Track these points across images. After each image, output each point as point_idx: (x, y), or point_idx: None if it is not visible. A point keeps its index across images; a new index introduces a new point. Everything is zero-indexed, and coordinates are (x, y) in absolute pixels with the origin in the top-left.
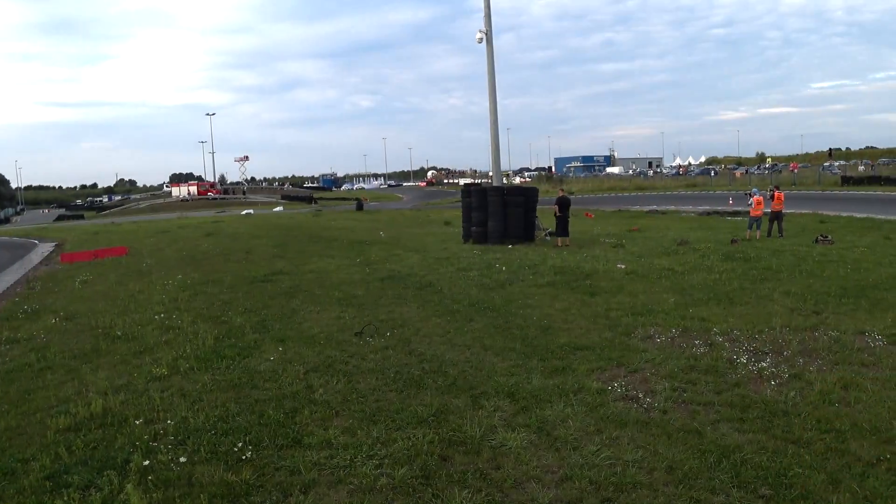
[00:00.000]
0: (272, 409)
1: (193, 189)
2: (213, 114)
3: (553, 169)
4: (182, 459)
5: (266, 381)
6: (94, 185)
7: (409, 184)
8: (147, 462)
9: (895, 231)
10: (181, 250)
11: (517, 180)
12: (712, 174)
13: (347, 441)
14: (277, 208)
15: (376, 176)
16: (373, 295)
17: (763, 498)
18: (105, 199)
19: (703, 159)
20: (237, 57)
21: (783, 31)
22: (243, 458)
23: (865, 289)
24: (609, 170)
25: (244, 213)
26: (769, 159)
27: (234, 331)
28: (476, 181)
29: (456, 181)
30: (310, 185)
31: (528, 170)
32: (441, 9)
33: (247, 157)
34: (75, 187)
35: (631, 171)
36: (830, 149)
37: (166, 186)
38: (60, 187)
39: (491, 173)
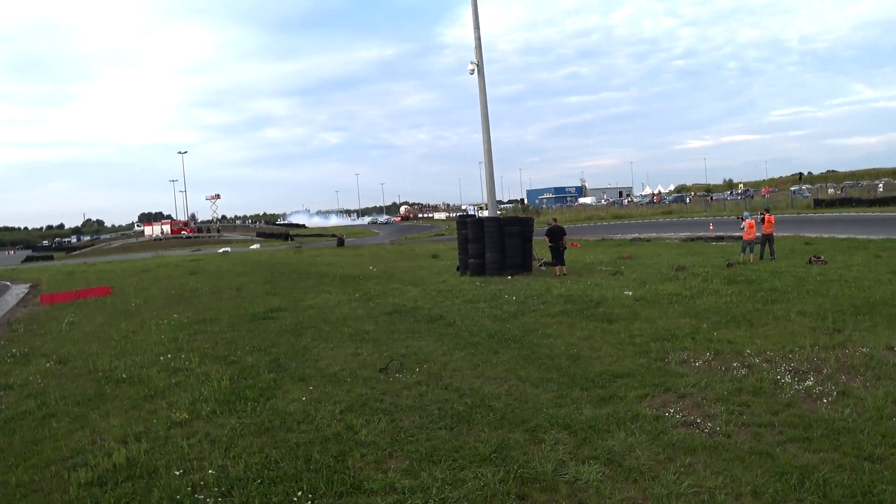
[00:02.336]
0: (318, 453)
1: (167, 228)
2: (185, 152)
3: (526, 201)
4: None
5: (300, 423)
6: (61, 226)
7: (382, 219)
8: None
9: (884, 250)
10: (167, 289)
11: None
12: (687, 201)
13: (412, 484)
14: (254, 246)
15: (348, 211)
16: (384, 330)
17: None
18: (74, 239)
19: (671, 187)
20: (205, 95)
21: (742, 62)
22: None
23: (876, 305)
24: (581, 200)
25: (221, 251)
26: (740, 185)
27: (247, 371)
28: (469, 213)
29: (430, 215)
30: (280, 222)
31: (500, 202)
32: (408, 46)
33: (218, 195)
34: (41, 228)
35: (603, 201)
36: (800, 173)
37: (137, 226)
38: (26, 228)
39: (469, 205)
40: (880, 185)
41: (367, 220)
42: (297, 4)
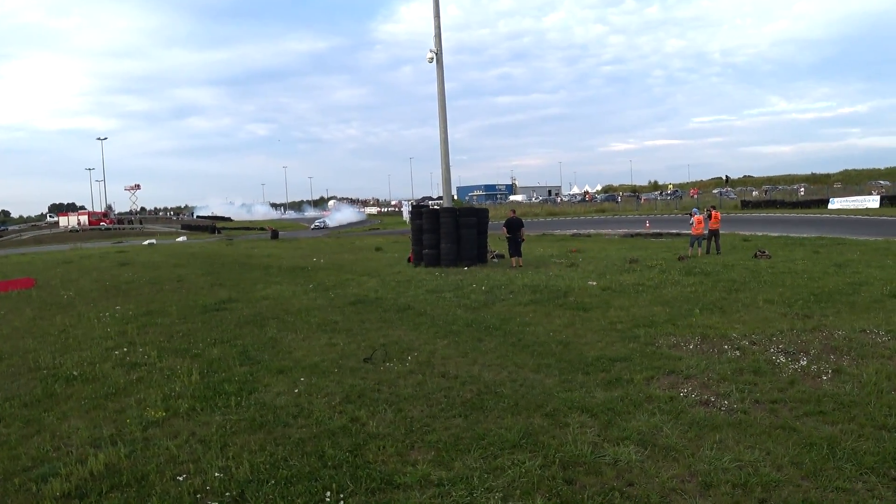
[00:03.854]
0: (330, 448)
1: (84, 219)
2: (105, 138)
3: (456, 197)
4: None
5: (296, 418)
6: None
7: (311, 213)
8: None
9: (820, 246)
10: (100, 281)
11: None
12: (618, 200)
13: (448, 475)
14: (181, 238)
15: (275, 205)
16: (353, 320)
17: None
18: None
19: (598, 187)
20: (125, 81)
21: (667, 70)
22: None
23: (832, 294)
24: (512, 198)
25: (147, 243)
26: (670, 185)
27: (216, 364)
28: (424, 204)
29: (361, 210)
30: (201, 215)
31: (430, 198)
32: (340, 40)
33: (138, 185)
34: None
35: (534, 199)
36: (726, 176)
37: (50, 216)
38: None
39: (402, 200)
40: (801, 189)
41: (311, 213)
42: None
